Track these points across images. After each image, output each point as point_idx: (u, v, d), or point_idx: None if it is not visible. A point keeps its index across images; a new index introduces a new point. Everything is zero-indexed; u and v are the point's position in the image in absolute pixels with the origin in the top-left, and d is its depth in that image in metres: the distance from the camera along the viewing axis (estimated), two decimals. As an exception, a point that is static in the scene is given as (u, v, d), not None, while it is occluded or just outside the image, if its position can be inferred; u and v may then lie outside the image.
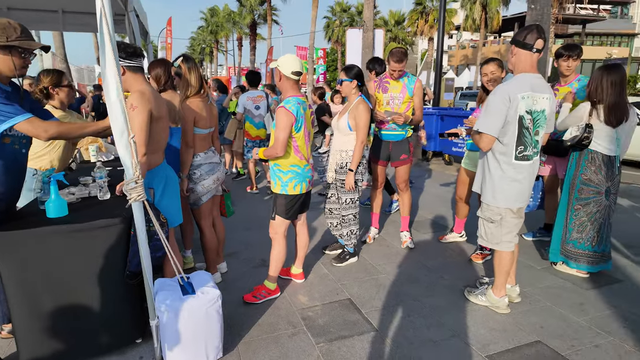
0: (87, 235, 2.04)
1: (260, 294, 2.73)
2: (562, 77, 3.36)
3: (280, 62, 2.60)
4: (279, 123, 2.51)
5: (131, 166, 1.90)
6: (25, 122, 1.87)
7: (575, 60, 3.21)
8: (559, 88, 3.35)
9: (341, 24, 37.46)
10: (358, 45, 11.42)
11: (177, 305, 1.97)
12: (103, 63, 1.79)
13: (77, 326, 2.10)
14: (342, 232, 3.32)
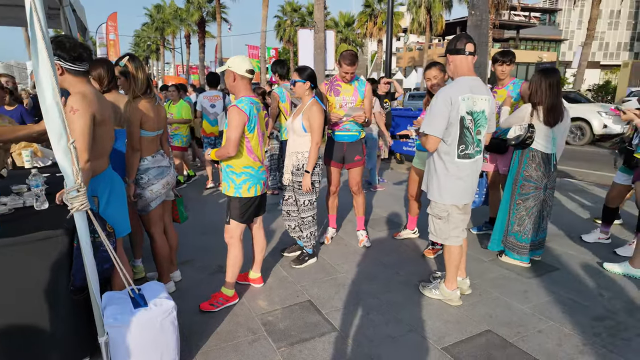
0: (23, 249, 1.86)
1: (217, 301, 2.64)
2: (498, 81, 3.65)
3: (231, 63, 2.55)
4: (231, 122, 2.45)
5: (72, 173, 1.76)
6: None
7: (509, 65, 3.48)
8: (497, 90, 3.59)
9: (292, 23, 37.37)
10: (310, 45, 11.45)
11: (127, 319, 1.86)
12: (35, 62, 1.64)
13: (18, 345, 1.91)
14: (302, 234, 3.31)
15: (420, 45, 36.93)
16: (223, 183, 2.68)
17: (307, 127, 3.09)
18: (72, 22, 3.92)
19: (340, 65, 3.38)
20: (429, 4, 29.16)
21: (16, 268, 1.87)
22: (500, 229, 3.25)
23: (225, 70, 2.58)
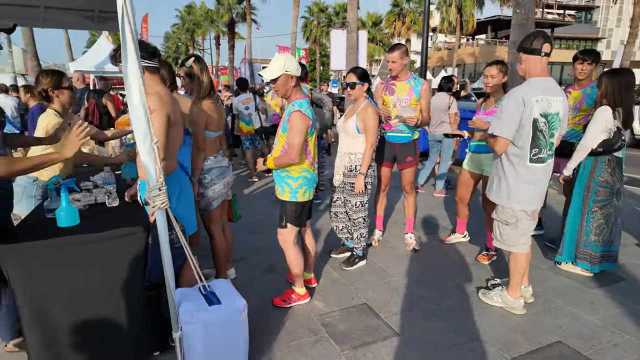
0: (104, 245, 1.92)
1: (289, 298, 2.67)
2: (576, 81, 3.42)
3: (287, 67, 2.42)
4: (295, 127, 2.40)
5: (154, 172, 1.80)
6: None
7: (590, 65, 3.25)
8: (571, 91, 3.43)
9: (319, 24, 37.47)
10: (342, 46, 11.43)
11: (203, 316, 1.88)
12: (125, 64, 1.69)
13: (93, 340, 1.98)
14: (352, 235, 3.29)
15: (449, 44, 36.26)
16: (277, 187, 2.64)
17: (362, 128, 3.06)
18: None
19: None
20: (460, 3, 28.58)
21: (96, 263, 1.93)
22: (571, 239, 3.10)
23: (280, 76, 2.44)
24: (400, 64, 3.35)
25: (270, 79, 2.46)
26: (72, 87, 2.79)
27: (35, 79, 2.63)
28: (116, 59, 2.11)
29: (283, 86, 2.45)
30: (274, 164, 2.54)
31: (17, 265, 1.80)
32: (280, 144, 2.53)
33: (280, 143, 2.53)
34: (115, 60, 2.12)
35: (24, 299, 1.83)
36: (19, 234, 1.94)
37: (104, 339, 2.01)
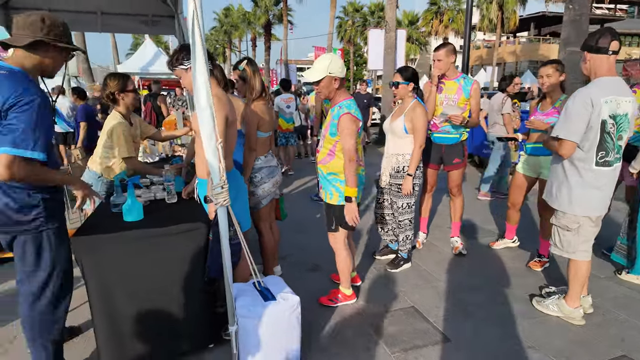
0: (168, 240, 2.02)
1: (336, 297, 2.69)
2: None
3: (331, 68, 2.36)
4: (347, 130, 2.35)
5: (218, 171, 1.87)
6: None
7: None
8: (636, 90, 3.25)
9: (353, 24, 37.32)
10: (380, 45, 11.31)
11: (259, 311, 1.93)
12: (194, 68, 1.76)
13: (155, 330, 2.08)
14: (398, 237, 3.26)
15: (488, 43, 35.07)
16: (324, 192, 2.60)
17: (409, 128, 3.03)
18: (185, 28, 4.20)
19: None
20: (502, 0, 27.57)
21: (160, 257, 2.03)
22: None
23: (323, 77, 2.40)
24: (447, 62, 3.29)
25: (313, 81, 2.43)
26: (136, 90, 2.93)
27: (103, 82, 2.78)
28: (172, 64, 2.19)
29: (326, 88, 2.42)
30: (347, 183, 2.39)
31: (89, 257, 1.92)
32: (327, 148, 2.49)
33: (327, 147, 2.49)
34: (171, 65, 2.20)
35: (94, 289, 1.95)
36: (89, 227, 2.07)
37: (163, 329, 2.11)
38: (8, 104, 1.55)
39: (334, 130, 2.42)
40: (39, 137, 1.59)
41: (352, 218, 2.46)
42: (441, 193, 5.52)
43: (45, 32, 1.70)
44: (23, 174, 1.57)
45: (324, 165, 2.52)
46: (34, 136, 1.57)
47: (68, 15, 5.05)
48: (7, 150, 1.52)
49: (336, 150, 2.45)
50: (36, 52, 1.72)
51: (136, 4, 5.21)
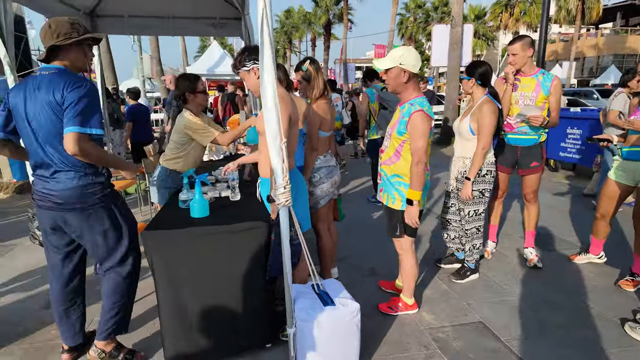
0: (232, 236, 2.04)
1: (396, 306, 2.58)
2: None
3: (404, 59, 2.20)
4: (419, 129, 2.20)
5: (281, 171, 1.85)
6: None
7: None
8: None
9: (415, 20, 36.29)
10: (445, 41, 10.83)
11: (318, 316, 1.88)
12: (261, 66, 1.75)
13: (216, 325, 2.12)
14: (465, 246, 3.04)
15: (564, 36, 32.21)
16: (385, 195, 2.45)
17: (476, 129, 2.81)
18: (251, 28, 4.29)
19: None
20: (583, -12, 25.17)
21: (223, 254, 2.05)
22: None
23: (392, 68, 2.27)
24: (523, 56, 3.00)
25: (382, 69, 2.32)
26: (205, 90, 3.02)
27: (175, 82, 2.90)
28: (236, 66, 2.21)
29: (394, 79, 2.27)
30: (412, 185, 2.24)
31: (157, 250, 2.00)
32: (393, 148, 2.36)
33: (393, 146, 2.36)
34: (235, 68, 2.22)
35: (160, 281, 2.02)
36: (159, 221, 2.15)
37: (224, 325, 2.14)
38: (65, 93, 1.77)
39: (403, 128, 2.27)
40: (93, 115, 1.81)
41: (412, 222, 2.33)
42: (511, 198, 5.13)
43: (55, 35, 1.84)
44: (87, 150, 1.78)
45: (388, 167, 2.40)
46: (90, 115, 1.80)
47: (146, 20, 5.41)
48: (73, 129, 1.74)
49: (403, 150, 2.31)
50: (61, 55, 1.89)
51: (204, 8, 5.43)
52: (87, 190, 1.91)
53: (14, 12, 10.64)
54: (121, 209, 2.07)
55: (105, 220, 1.98)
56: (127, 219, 2.09)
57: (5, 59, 3.32)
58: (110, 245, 2.03)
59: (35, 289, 2.98)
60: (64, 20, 1.90)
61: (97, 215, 1.96)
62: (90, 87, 1.85)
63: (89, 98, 1.81)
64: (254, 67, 2.11)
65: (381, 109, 4.80)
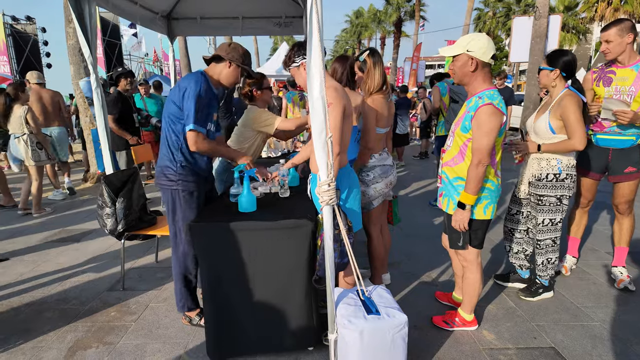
0: (277, 233, 1.99)
1: (453, 320, 2.36)
2: None
3: (471, 46, 1.98)
4: (485, 125, 1.95)
5: (326, 167, 1.74)
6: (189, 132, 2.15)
7: None
8: None
9: (494, 15, 34.04)
10: (526, 35, 9.92)
11: (361, 325, 1.75)
12: (309, 57, 1.66)
13: (258, 323, 2.08)
14: (537, 260, 2.68)
15: (677, 25, 27.89)
16: (446, 200, 2.23)
17: (557, 127, 2.45)
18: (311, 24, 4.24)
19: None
20: None
21: (267, 250, 2.01)
22: None
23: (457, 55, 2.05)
24: (620, 43, 2.56)
25: (449, 55, 2.08)
26: (270, 88, 3.06)
27: (242, 81, 2.96)
28: (286, 64, 2.15)
29: (460, 68, 2.04)
30: (468, 188, 2.03)
31: (203, 242, 2.01)
32: (457, 146, 2.13)
33: (457, 144, 2.13)
34: (286, 65, 2.16)
35: (205, 274, 2.03)
36: (208, 214, 2.17)
37: (267, 323, 2.09)
38: (182, 94, 2.13)
39: (468, 124, 2.03)
40: (198, 116, 2.13)
41: (460, 227, 2.12)
42: (600, 209, 4.50)
43: (226, 53, 2.25)
44: (199, 144, 2.17)
45: (450, 168, 2.18)
46: (196, 116, 2.12)
47: (217, 22, 5.66)
48: (189, 127, 2.12)
49: (467, 150, 2.08)
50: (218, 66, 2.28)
51: (270, 7, 5.53)
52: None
53: (110, 22, 11.72)
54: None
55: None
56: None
57: (89, 59, 3.64)
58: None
59: (103, 272, 3.22)
60: (242, 49, 2.31)
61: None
62: (198, 92, 2.16)
63: (194, 100, 2.14)
64: (303, 63, 2.04)
65: (452, 103, 4.52)
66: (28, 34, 12.61)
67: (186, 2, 5.33)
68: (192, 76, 2.17)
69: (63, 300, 2.77)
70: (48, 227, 4.36)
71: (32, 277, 3.12)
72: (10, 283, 3.04)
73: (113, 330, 2.39)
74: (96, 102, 3.52)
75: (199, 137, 2.16)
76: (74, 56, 6.47)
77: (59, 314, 2.59)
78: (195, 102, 2.11)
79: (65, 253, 3.62)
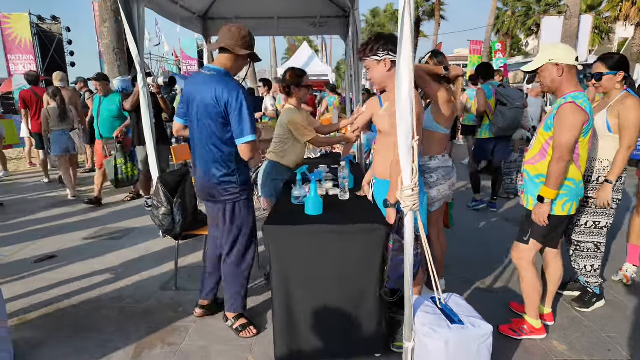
0: (347, 237, 1.95)
1: (520, 328, 2.30)
2: None
3: (553, 55, 2.05)
4: (567, 122, 1.96)
5: (411, 172, 1.70)
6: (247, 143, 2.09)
7: None
8: None
9: (513, 14, 33.47)
10: (556, 35, 9.75)
11: (446, 334, 1.70)
12: (399, 54, 1.62)
13: (326, 327, 2.05)
14: (579, 264, 2.62)
15: None
16: (526, 197, 2.22)
17: (614, 125, 2.43)
18: (359, 25, 4.22)
19: None
20: None
21: (337, 254, 1.97)
22: None
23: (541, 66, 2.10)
24: None
25: (529, 71, 2.15)
26: (309, 86, 3.03)
27: (282, 76, 2.95)
28: (365, 53, 2.10)
29: (548, 78, 2.10)
30: (548, 183, 2.03)
31: (275, 245, 1.98)
32: (539, 145, 2.14)
33: (539, 143, 2.14)
34: (363, 55, 2.10)
35: (276, 276, 2.01)
36: (277, 216, 2.15)
37: (335, 327, 2.06)
38: (227, 102, 2.02)
39: (550, 122, 2.06)
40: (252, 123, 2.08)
41: (540, 220, 2.11)
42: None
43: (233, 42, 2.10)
44: (254, 151, 2.15)
45: (532, 166, 2.19)
46: (251, 123, 2.07)
47: (252, 21, 5.65)
48: (250, 138, 2.07)
49: (549, 148, 2.09)
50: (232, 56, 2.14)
51: (306, 7, 5.50)
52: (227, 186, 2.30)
53: None
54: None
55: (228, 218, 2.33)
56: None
57: (137, 59, 3.66)
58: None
59: (152, 270, 3.23)
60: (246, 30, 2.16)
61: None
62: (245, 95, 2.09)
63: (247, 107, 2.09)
64: (386, 58, 1.99)
65: (499, 105, 4.44)
66: (53, 34, 12.83)
67: (222, 2, 5.34)
68: (229, 84, 2.04)
69: (118, 299, 2.78)
70: (89, 224, 4.40)
71: (84, 275, 3.15)
72: (64, 280, 3.07)
73: (174, 331, 2.39)
74: (142, 101, 3.55)
75: (255, 145, 2.13)
76: (108, 55, 6.57)
77: (117, 312, 2.60)
78: (249, 112, 2.05)
79: (112, 251, 3.65)
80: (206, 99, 2.05)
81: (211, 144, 2.11)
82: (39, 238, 3.98)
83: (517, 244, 2.29)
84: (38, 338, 2.34)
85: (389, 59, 2.01)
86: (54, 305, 2.71)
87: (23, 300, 2.77)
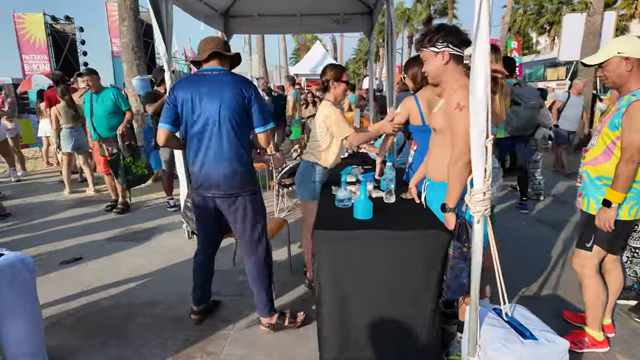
0: (403, 243, 1.83)
1: (580, 341, 2.16)
2: None
3: (624, 48, 1.92)
4: (637, 121, 1.83)
5: (483, 174, 1.58)
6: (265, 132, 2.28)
7: None
8: None
9: (525, 12, 33.11)
10: (577, 32, 9.49)
11: (519, 350, 1.57)
12: (475, 51, 1.50)
13: (377, 337, 1.93)
14: (635, 271, 2.47)
15: None
16: (586, 200, 2.09)
17: None
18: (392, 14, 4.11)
19: None
20: None
21: (390, 261, 1.85)
22: None
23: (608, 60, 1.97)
24: None
25: (595, 64, 2.01)
26: (348, 82, 2.91)
27: (322, 70, 2.83)
28: (423, 44, 1.95)
29: (614, 71, 1.96)
30: (616, 185, 1.91)
31: (324, 250, 1.86)
32: (603, 145, 2.01)
33: (603, 143, 2.01)
34: (421, 45, 1.95)
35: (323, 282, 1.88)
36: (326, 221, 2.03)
37: (385, 337, 1.94)
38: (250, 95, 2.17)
39: (617, 121, 1.92)
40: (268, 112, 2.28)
41: (605, 226, 1.98)
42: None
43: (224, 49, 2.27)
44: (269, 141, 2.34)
45: (593, 167, 2.06)
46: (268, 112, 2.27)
47: (274, 19, 5.56)
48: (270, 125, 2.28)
49: (615, 149, 1.95)
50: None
51: (329, 4, 5.40)
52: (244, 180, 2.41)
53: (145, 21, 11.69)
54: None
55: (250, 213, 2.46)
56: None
57: (165, 56, 3.58)
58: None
59: (180, 273, 3.13)
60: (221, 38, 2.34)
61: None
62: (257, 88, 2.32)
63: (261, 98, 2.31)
64: (445, 50, 1.85)
65: (513, 105, 4.29)
66: (67, 34, 12.84)
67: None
68: (244, 79, 2.23)
69: (150, 304, 2.68)
70: (111, 225, 4.33)
71: (112, 278, 3.07)
72: (93, 283, 2.98)
73: (213, 339, 2.29)
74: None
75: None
76: (127, 54, 6.49)
77: (151, 319, 2.51)
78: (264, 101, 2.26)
79: (138, 253, 3.56)
80: (229, 96, 2.13)
81: (235, 139, 2.19)
82: (62, 239, 3.91)
83: (578, 250, 2.16)
84: (72, 344, 2.26)
85: (448, 52, 1.88)
86: (85, 309, 2.63)
87: (53, 302, 2.70)
